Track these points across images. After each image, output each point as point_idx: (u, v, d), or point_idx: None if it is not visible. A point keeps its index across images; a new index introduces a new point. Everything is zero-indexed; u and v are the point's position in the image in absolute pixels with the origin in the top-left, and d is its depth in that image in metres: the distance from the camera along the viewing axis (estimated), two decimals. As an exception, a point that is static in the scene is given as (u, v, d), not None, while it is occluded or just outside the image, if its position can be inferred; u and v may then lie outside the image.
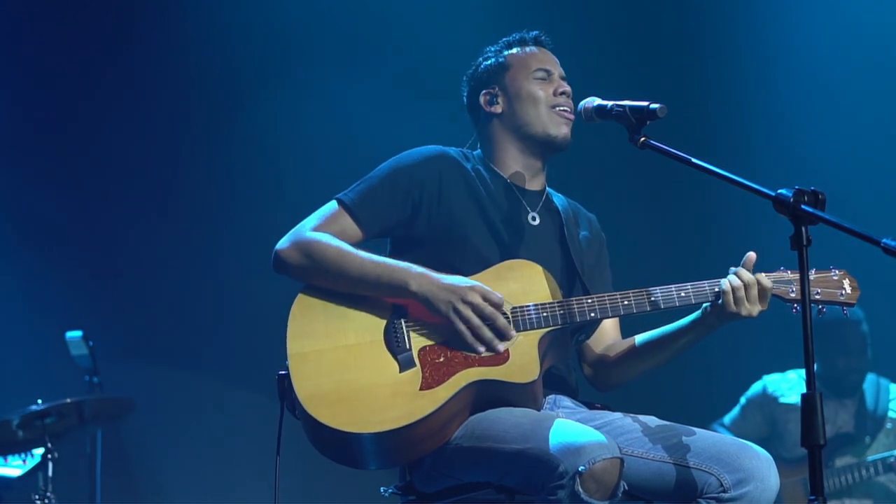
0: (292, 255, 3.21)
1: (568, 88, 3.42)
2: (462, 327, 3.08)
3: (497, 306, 3.08)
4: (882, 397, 5.95)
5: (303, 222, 3.28)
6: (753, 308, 3.12)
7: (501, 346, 3.08)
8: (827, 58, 6.49)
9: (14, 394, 5.61)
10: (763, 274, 3.16)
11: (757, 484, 2.96)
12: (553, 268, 3.27)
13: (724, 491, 2.97)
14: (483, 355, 3.09)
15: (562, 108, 3.39)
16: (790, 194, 2.57)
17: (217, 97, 6.48)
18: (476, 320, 3.07)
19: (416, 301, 3.12)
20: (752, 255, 3.18)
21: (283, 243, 3.24)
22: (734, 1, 6.75)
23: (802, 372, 3.72)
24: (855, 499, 5.79)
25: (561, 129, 3.39)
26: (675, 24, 6.63)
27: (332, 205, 3.30)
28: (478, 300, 3.07)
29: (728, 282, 3.13)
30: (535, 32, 3.52)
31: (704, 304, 3.20)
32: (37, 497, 5.22)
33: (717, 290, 3.15)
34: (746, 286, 3.12)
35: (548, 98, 3.40)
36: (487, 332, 3.08)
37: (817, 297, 3.20)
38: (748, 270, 3.15)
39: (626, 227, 6.06)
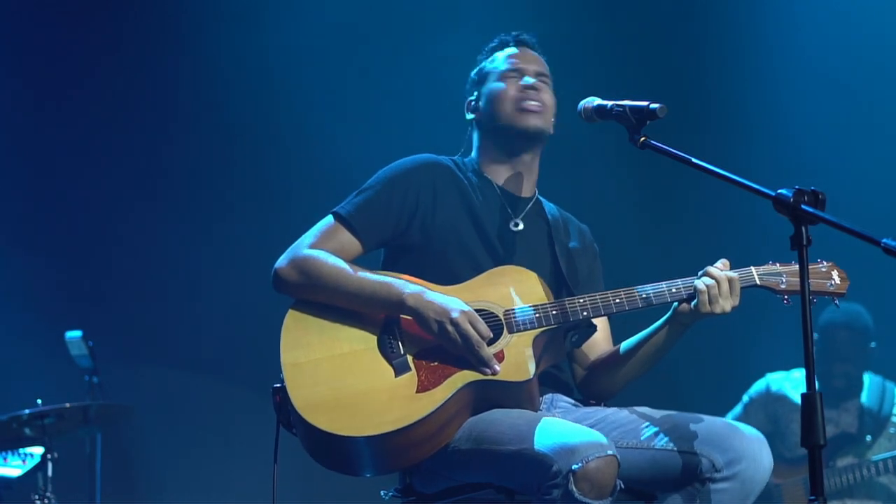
0: (290, 274, 3.21)
1: (533, 82, 3.41)
2: (449, 348, 3.10)
3: (483, 336, 3.09)
4: (887, 400, 5.94)
5: (300, 239, 3.28)
6: (726, 303, 3.16)
7: (488, 371, 3.08)
8: (827, 57, 6.48)
9: (14, 394, 5.61)
10: (731, 269, 3.20)
11: (749, 462, 2.99)
12: (540, 274, 3.28)
13: (717, 471, 2.99)
14: None
15: (527, 102, 3.38)
16: (790, 194, 2.57)
17: (221, 100, 6.48)
18: (461, 344, 3.08)
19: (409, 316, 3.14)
20: (720, 262, 3.21)
21: (281, 262, 3.24)
22: (734, 0, 6.74)
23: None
24: (856, 499, 5.78)
25: (529, 121, 3.38)
26: (675, 24, 6.63)
27: (329, 219, 3.30)
28: (466, 327, 3.08)
29: (701, 282, 3.16)
30: (515, 33, 3.53)
31: (675, 304, 3.23)
32: (37, 497, 5.22)
33: (691, 290, 3.18)
34: (719, 283, 3.15)
35: (512, 93, 3.40)
36: (471, 358, 3.09)
37: None
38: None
39: (618, 225, 6.06)
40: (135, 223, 6.47)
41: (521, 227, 3.40)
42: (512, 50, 3.50)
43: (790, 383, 5.98)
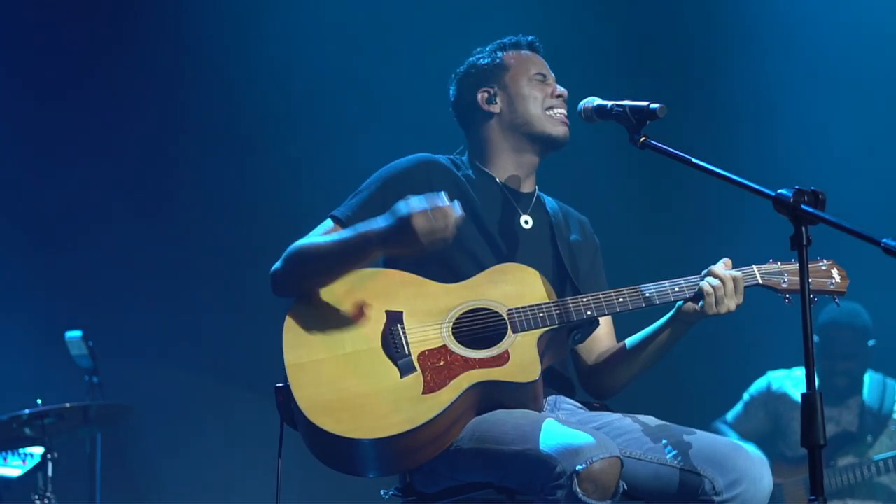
0: (283, 269, 3.19)
1: (564, 92, 3.46)
2: (438, 235, 3.00)
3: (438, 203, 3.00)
4: (888, 398, 5.93)
5: (296, 242, 3.26)
6: (731, 303, 3.18)
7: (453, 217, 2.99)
8: (827, 57, 6.49)
9: (14, 394, 5.61)
10: (733, 268, 3.21)
11: (749, 485, 2.99)
12: (544, 270, 3.28)
13: (717, 493, 2.99)
14: (482, 357, 3.09)
15: (558, 111, 3.44)
16: (790, 194, 2.57)
17: (222, 100, 6.47)
18: (440, 223, 2.99)
19: (400, 249, 3.06)
20: (722, 262, 3.22)
21: (276, 264, 3.22)
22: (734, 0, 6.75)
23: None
24: (857, 499, 5.78)
25: (559, 129, 3.44)
26: (675, 24, 6.63)
27: (328, 223, 3.29)
28: (424, 205, 2.98)
29: (707, 283, 3.17)
30: (530, 38, 3.55)
31: (679, 303, 3.23)
32: (37, 497, 5.22)
33: (696, 291, 3.19)
34: (724, 283, 3.16)
35: (545, 99, 3.44)
36: (446, 223, 3.00)
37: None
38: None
39: (618, 224, 6.07)
40: (135, 223, 6.47)
41: (531, 224, 3.41)
42: (531, 54, 3.52)
43: (791, 381, 5.98)
